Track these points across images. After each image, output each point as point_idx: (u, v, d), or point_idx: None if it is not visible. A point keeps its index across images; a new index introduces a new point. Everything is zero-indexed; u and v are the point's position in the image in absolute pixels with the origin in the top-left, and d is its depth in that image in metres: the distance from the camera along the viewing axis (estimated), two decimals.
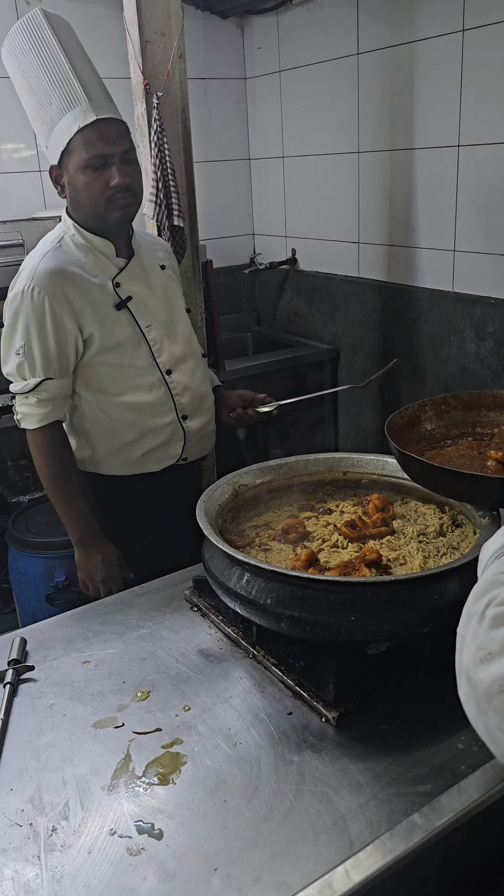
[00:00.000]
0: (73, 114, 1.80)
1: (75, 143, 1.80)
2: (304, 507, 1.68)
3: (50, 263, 1.86)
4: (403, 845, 1.01)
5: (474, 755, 1.17)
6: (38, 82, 1.83)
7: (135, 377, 1.96)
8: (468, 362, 2.98)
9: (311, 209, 3.70)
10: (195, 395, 2.06)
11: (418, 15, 2.85)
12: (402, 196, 3.12)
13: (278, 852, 1.02)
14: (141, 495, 2.06)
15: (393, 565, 1.42)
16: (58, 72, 1.82)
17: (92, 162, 1.80)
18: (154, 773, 1.17)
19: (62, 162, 1.85)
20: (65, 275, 1.85)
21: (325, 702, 1.27)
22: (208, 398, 2.12)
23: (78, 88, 1.80)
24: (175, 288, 2.10)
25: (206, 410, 2.10)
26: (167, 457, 2.04)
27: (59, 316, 1.84)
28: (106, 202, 1.84)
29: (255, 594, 1.29)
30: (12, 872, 1.02)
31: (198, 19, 3.66)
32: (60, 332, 1.85)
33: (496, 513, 1.43)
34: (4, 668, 1.41)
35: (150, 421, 1.99)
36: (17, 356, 1.87)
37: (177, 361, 2.01)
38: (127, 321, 1.93)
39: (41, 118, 1.86)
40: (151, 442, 2.01)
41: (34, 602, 2.85)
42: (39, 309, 1.83)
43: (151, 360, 1.97)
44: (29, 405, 1.90)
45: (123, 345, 1.93)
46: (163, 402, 1.99)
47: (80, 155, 1.80)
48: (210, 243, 3.68)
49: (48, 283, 1.83)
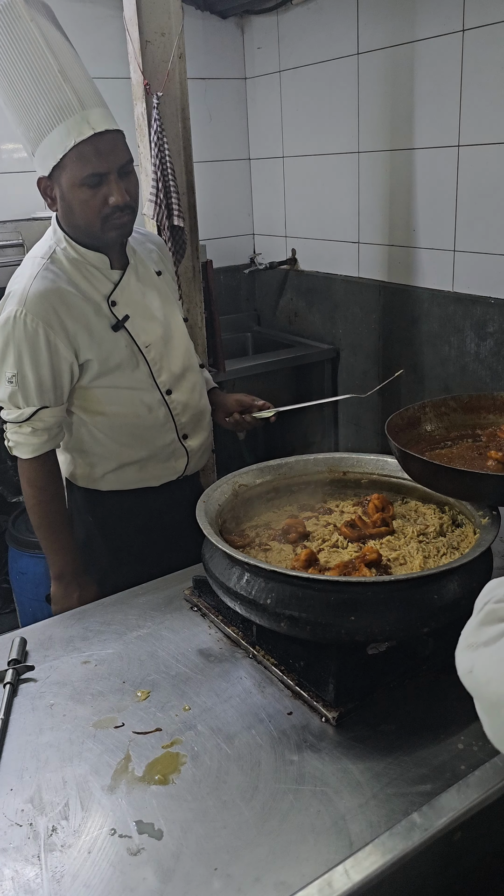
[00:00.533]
0: (66, 125, 1.64)
1: (70, 158, 1.66)
2: (304, 507, 1.68)
3: (41, 285, 1.73)
4: (403, 845, 1.01)
5: (474, 755, 1.17)
6: (22, 83, 1.66)
7: (134, 398, 1.87)
8: (468, 362, 2.98)
9: (311, 209, 3.70)
10: (195, 413, 1.98)
11: (418, 15, 2.85)
12: (402, 196, 3.12)
13: (278, 852, 1.02)
14: (139, 509, 2.01)
15: (393, 565, 1.42)
16: (45, 73, 1.64)
17: (88, 180, 1.67)
18: (154, 772, 1.17)
19: (53, 174, 1.70)
20: (58, 297, 1.74)
21: (325, 702, 1.27)
22: (206, 413, 2.05)
23: (70, 95, 1.65)
24: (171, 295, 2.00)
25: (204, 426, 2.04)
26: (167, 474, 1.99)
27: (53, 343, 1.74)
28: (102, 221, 1.72)
29: (254, 594, 1.29)
30: (12, 872, 1.02)
31: (198, 19, 3.66)
32: (55, 360, 1.75)
33: (496, 512, 1.44)
34: (4, 668, 1.41)
35: (150, 442, 1.92)
36: (10, 384, 1.76)
37: (176, 380, 1.93)
38: (125, 342, 1.83)
39: (26, 123, 1.70)
40: (152, 461, 1.95)
41: (34, 602, 2.85)
42: (33, 337, 1.71)
43: (151, 381, 1.88)
44: (23, 434, 1.80)
45: (122, 367, 1.84)
46: (163, 422, 1.92)
47: (75, 172, 1.66)
48: (210, 243, 3.68)
49: (41, 308, 1.71)
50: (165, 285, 1.99)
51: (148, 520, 2.02)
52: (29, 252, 1.87)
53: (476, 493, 1.44)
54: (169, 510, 2.01)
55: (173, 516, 1.99)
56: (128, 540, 2.03)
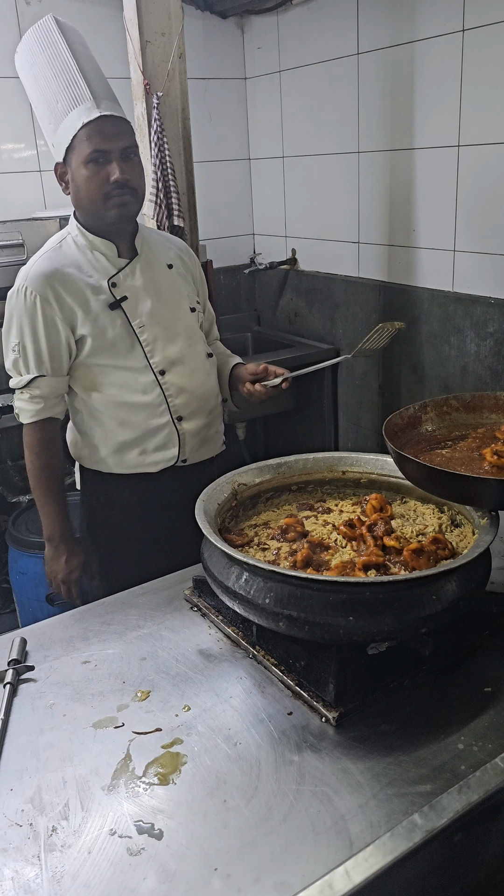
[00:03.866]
0: (77, 111, 1.83)
1: (78, 138, 1.83)
2: (303, 507, 1.68)
3: (45, 265, 1.90)
4: (404, 845, 1.01)
5: (474, 755, 1.17)
6: (47, 82, 1.88)
7: (128, 378, 1.96)
8: (468, 362, 2.98)
9: (311, 209, 3.70)
10: (193, 397, 2.03)
11: (418, 15, 2.85)
12: (402, 196, 3.12)
13: (278, 852, 1.02)
14: (140, 496, 2.06)
15: (392, 565, 1.41)
16: (65, 72, 1.87)
17: (92, 156, 1.82)
18: (154, 773, 1.17)
19: (66, 158, 1.88)
20: (58, 276, 1.89)
21: (325, 702, 1.27)
22: (211, 400, 2.10)
23: (83, 87, 1.84)
24: (182, 288, 2.08)
25: (207, 412, 2.08)
26: (164, 459, 2.03)
27: (49, 317, 1.89)
28: (104, 198, 1.86)
29: (253, 593, 1.29)
30: (12, 872, 1.02)
31: (198, 19, 3.66)
32: (52, 333, 1.90)
33: (495, 513, 1.43)
34: (4, 668, 1.41)
35: (144, 422, 1.99)
36: (14, 353, 1.93)
37: (172, 363, 2.00)
38: (120, 321, 1.94)
39: (48, 117, 1.90)
40: (147, 443, 2.01)
41: (34, 602, 2.85)
42: (31, 309, 1.88)
43: (145, 361, 1.97)
44: (23, 400, 1.96)
45: (116, 345, 1.94)
46: (157, 403, 1.99)
47: (82, 150, 1.83)
48: (210, 243, 3.68)
49: (40, 284, 1.88)
50: (176, 277, 2.08)
51: (148, 507, 2.07)
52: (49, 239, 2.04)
53: (472, 496, 1.43)
54: (169, 499, 2.05)
55: (173, 506, 2.03)
56: (129, 526, 2.08)
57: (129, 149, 1.87)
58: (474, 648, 1.42)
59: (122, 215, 1.90)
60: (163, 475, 2.04)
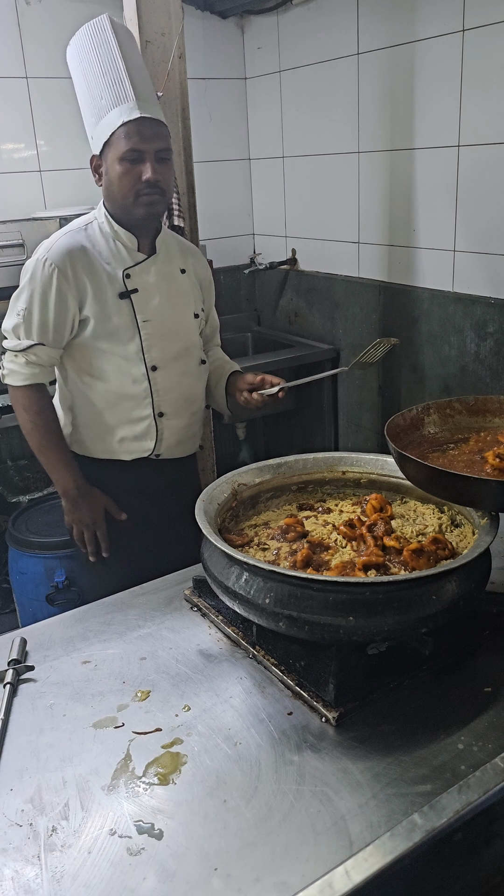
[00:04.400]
0: (119, 109, 1.91)
1: (117, 135, 1.90)
2: (304, 507, 1.68)
3: (68, 241, 1.97)
4: (404, 845, 1.01)
5: (474, 755, 1.17)
6: (94, 78, 1.96)
7: (121, 367, 2.03)
8: (468, 362, 2.98)
9: (311, 209, 3.70)
10: (179, 396, 2.11)
11: (418, 15, 2.85)
12: (402, 196, 3.12)
13: (278, 852, 1.02)
14: (112, 482, 2.13)
15: (392, 565, 1.41)
16: (112, 71, 1.94)
17: (128, 155, 1.89)
18: (154, 773, 1.17)
19: (103, 152, 1.95)
20: (79, 254, 1.96)
21: (325, 702, 1.27)
22: (197, 402, 2.18)
23: (128, 87, 1.92)
24: (191, 293, 2.15)
25: (189, 414, 2.16)
26: (139, 450, 2.11)
27: (63, 292, 1.95)
28: (135, 195, 1.93)
29: (253, 593, 1.29)
30: (12, 872, 1.02)
31: (198, 19, 3.66)
32: (61, 307, 1.96)
33: (495, 514, 1.43)
34: (4, 668, 1.41)
35: (128, 411, 2.06)
36: (18, 317, 1.98)
37: (166, 361, 2.07)
38: (127, 312, 2.00)
39: (91, 111, 1.97)
40: (127, 431, 2.08)
41: (34, 602, 2.85)
42: (47, 281, 1.94)
43: (140, 354, 2.03)
44: (17, 363, 2.00)
45: (118, 334, 2.00)
46: (143, 396, 2.06)
47: (119, 147, 1.90)
48: (210, 243, 3.69)
49: (61, 258, 1.94)
50: (187, 282, 2.14)
51: (116, 494, 2.13)
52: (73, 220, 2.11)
53: (473, 498, 1.42)
54: (141, 489, 2.14)
55: (145, 497, 2.14)
56: None
57: (164, 151, 1.94)
58: (474, 648, 1.42)
59: (150, 213, 1.98)
60: (135, 465, 2.12)
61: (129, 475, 2.13)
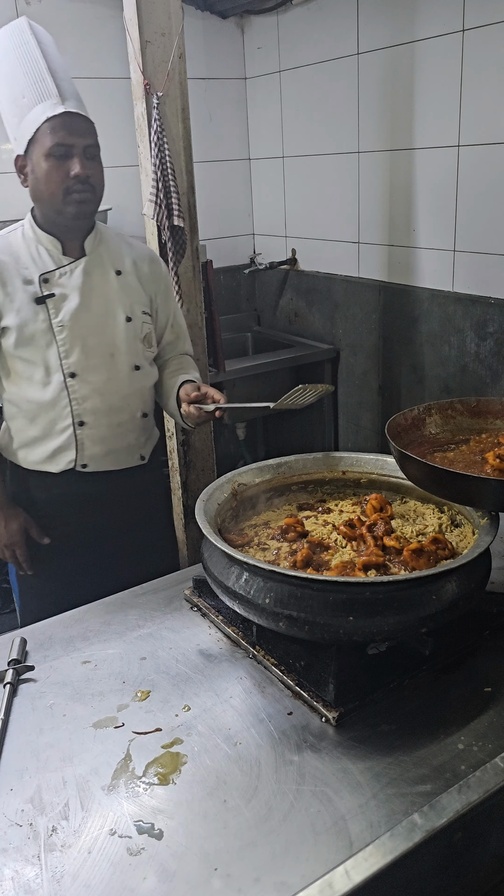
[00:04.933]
0: (43, 105, 1.85)
1: (42, 131, 1.84)
2: (303, 507, 1.68)
3: None
4: (404, 845, 1.01)
5: (474, 755, 1.17)
6: (14, 79, 1.91)
7: (41, 375, 1.95)
8: (468, 362, 2.98)
9: (311, 209, 3.70)
10: (102, 405, 2.00)
11: (418, 15, 2.85)
12: (402, 196, 3.12)
13: (278, 852, 1.02)
14: (44, 494, 2.06)
15: (392, 565, 1.41)
16: (34, 70, 1.89)
17: (55, 150, 1.84)
18: (154, 773, 1.17)
19: (28, 151, 1.89)
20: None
21: (325, 702, 1.27)
22: (127, 411, 2.05)
23: (50, 84, 1.87)
24: (126, 296, 2.03)
25: (116, 424, 2.03)
26: (64, 461, 2.02)
27: None
28: (64, 193, 1.86)
29: (253, 593, 1.29)
30: (12, 872, 1.02)
31: (198, 19, 3.66)
32: None
33: (495, 513, 1.43)
34: (4, 668, 1.41)
35: (51, 421, 1.99)
36: None
37: (86, 368, 1.97)
38: (42, 317, 1.93)
39: (13, 111, 1.92)
40: (53, 442, 2.00)
41: None
42: None
43: (58, 361, 1.95)
44: None
45: (36, 341, 1.93)
46: (62, 405, 1.97)
47: (45, 143, 1.84)
48: (210, 243, 3.68)
49: None
50: (123, 285, 2.03)
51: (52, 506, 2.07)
52: None
53: (473, 497, 1.42)
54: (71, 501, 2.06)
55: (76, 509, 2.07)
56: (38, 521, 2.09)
57: (93, 147, 1.89)
58: (474, 648, 1.42)
59: (81, 212, 1.90)
60: (64, 477, 2.03)
61: (59, 488, 2.05)
